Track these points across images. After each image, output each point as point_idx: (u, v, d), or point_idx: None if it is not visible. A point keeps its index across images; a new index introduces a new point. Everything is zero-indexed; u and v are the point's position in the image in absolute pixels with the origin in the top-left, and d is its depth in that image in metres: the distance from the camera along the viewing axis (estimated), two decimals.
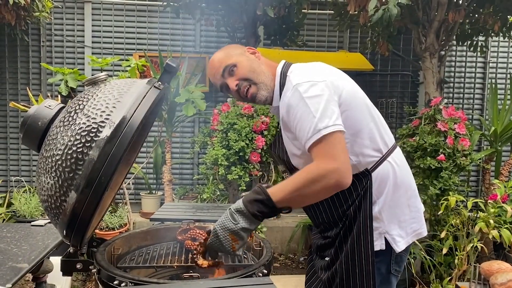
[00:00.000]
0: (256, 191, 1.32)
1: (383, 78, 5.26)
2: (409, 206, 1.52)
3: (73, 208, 1.15)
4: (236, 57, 1.49)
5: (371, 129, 1.46)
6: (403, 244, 1.49)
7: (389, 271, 1.50)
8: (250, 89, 1.47)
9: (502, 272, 2.79)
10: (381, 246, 1.46)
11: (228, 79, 1.48)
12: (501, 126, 3.99)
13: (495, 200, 3.23)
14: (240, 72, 1.47)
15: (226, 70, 1.47)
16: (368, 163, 1.45)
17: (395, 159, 1.51)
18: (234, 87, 1.47)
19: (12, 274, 1.35)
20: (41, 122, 1.28)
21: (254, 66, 1.49)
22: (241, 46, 1.59)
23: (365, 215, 1.43)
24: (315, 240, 1.65)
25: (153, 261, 1.63)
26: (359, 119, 1.44)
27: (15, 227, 1.95)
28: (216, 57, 1.52)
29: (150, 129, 1.67)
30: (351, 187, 1.40)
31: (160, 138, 4.31)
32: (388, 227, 1.47)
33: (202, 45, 5.02)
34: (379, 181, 1.46)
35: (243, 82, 1.47)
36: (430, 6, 3.79)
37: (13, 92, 4.83)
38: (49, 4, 4.37)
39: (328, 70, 1.47)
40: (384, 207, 1.47)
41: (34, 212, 4.04)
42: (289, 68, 1.50)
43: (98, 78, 1.31)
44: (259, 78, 1.47)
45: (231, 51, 1.52)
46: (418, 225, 1.55)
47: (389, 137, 1.53)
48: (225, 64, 1.47)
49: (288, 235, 4.19)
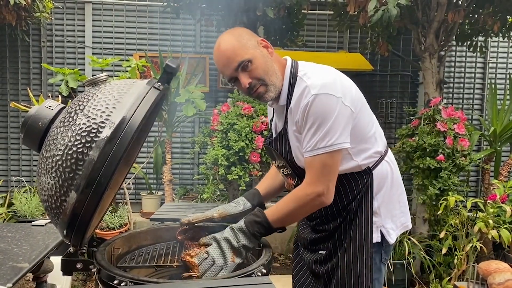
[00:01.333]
0: (255, 214, 1.46)
1: (383, 78, 5.26)
2: (399, 201, 1.64)
3: (73, 208, 1.15)
4: (251, 51, 1.42)
5: (374, 132, 1.54)
6: (394, 236, 1.60)
7: (380, 261, 1.59)
8: (260, 88, 1.46)
9: (500, 272, 2.80)
10: (377, 238, 1.55)
11: (241, 75, 1.43)
12: (501, 126, 4.00)
13: (495, 200, 3.23)
14: (255, 71, 1.43)
15: (241, 65, 1.42)
16: (370, 163, 1.53)
17: (391, 159, 1.62)
18: (246, 85, 1.44)
19: (13, 274, 1.36)
20: (41, 122, 1.29)
21: (268, 65, 1.45)
22: (252, 33, 1.50)
23: (366, 210, 1.51)
24: (305, 234, 1.70)
25: (153, 261, 1.64)
26: (366, 123, 1.51)
27: (16, 227, 1.95)
28: (229, 43, 1.42)
29: (150, 129, 1.67)
30: (353, 183, 1.52)
31: (160, 138, 4.32)
32: (384, 221, 1.57)
33: (202, 45, 5.03)
34: (379, 179, 1.54)
35: (256, 82, 1.44)
36: (430, 6, 3.80)
37: (14, 92, 4.84)
38: (49, 5, 4.38)
39: (340, 79, 1.47)
40: (383, 203, 1.56)
41: (34, 212, 4.05)
42: (298, 67, 1.50)
43: (98, 79, 1.31)
44: (271, 79, 1.45)
45: (246, 41, 1.44)
46: (405, 219, 1.67)
47: (384, 137, 1.62)
48: (241, 59, 1.41)
49: (288, 235, 4.20)
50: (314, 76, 1.44)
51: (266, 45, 1.49)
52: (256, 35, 1.52)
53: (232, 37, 1.44)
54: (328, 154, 1.39)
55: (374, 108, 5.82)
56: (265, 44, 1.49)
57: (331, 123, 1.37)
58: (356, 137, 1.47)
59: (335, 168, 1.43)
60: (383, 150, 1.58)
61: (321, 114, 1.37)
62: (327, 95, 1.38)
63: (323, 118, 1.37)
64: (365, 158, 1.51)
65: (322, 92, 1.38)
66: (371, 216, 1.52)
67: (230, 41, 1.43)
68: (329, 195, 1.44)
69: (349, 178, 1.52)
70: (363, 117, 1.49)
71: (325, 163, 1.40)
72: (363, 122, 1.49)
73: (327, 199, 1.44)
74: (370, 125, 1.53)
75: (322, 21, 5.17)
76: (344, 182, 1.52)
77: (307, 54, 4.92)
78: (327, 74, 1.47)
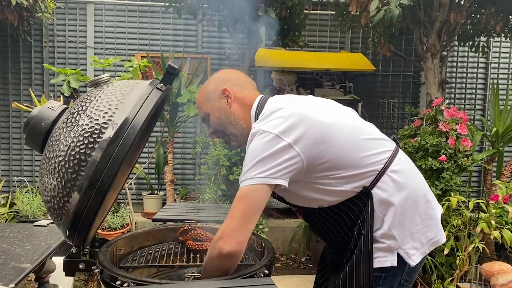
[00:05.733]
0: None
1: (385, 78, 5.26)
2: (420, 214, 1.43)
3: (76, 208, 1.15)
4: (210, 105, 1.52)
5: (360, 152, 1.38)
6: (418, 256, 1.42)
7: (399, 283, 1.45)
8: (223, 137, 1.56)
9: (503, 273, 2.79)
10: (392, 262, 1.39)
11: (207, 126, 1.57)
12: (503, 126, 3.99)
13: (497, 201, 3.22)
14: (212, 123, 1.53)
15: (205, 119, 1.56)
16: (365, 183, 1.38)
17: (396, 170, 1.41)
18: (211, 135, 1.58)
19: (15, 274, 1.36)
20: (44, 123, 1.29)
21: (222, 118, 1.50)
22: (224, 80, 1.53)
23: (366, 233, 1.37)
24: (331, 255, 1.60)
25: (155, 261, 1.64)
26: (344, 152, 1.36)
27: (18, 227, 1.96)
28: (199, 95, 1.56)
29: (152, 129, 1.67)
30: (354, 208, 1.38)
31: (162, 139, 4.32)
32: (401, 243, 1.39)
33: (204, 45, 5.03)
34: (382, 198, 1.38)
35: (216, 132, 1.55)
36: (432, 6, 3.79)
37: (16, 92, 4.85)
38: (51, 5, 4.39)
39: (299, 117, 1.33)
40: (394, 222, 1.38)
41: (36, 212, 4.05)
42: (264, 106, 1.45)
43: (100, 80, 1.31)
44: (227, 129, 1.52)
45: (209, 94, 1.53)
46: (433, 233, 1.45)
47: (385, 149, 1.43)
48: (203, 114, 1.55)
49: (289, 235, 4.19)
50: (265, 118, 1.37)
51: (227, 94, 1.50)
52: (226, 80, 1.53)
53: (203, 88, 1.57)
54: (247, 187, 1.28)
55: (375, 108, 5.81)
56: (226, 93, 1.50)
57: (259, 158, 1.28)
58: (334, 169, 1.35)
59: (251, 208, 1.27)
60: (382, 165, 1.39)
61: (250, 150, 1.32)
62: (263, 132, 1.31)
63: (252, 153, 1.31)
64: (353, 181, 1.37)
65: (259, 130, 1.33)
66: (371, 240, 1.37)
67: (200, 93, 1.57)
68: (229, 242, 1.24)
69: (347, 204, 1.40)
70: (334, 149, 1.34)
71: (239, 199, 1.28)
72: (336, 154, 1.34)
73: (225, 245, 1.24)
74: (349, 151, 1.37)
75: (324, 21, 5.17)
76: (343, 209, 1.41)
77: (309, 55, 4.92)
78: (279, 113, 1.35)
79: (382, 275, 1.40)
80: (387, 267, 1.39)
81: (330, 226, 1.47)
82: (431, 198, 1.49)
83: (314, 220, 1.51)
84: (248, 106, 1.49)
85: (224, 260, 1.27)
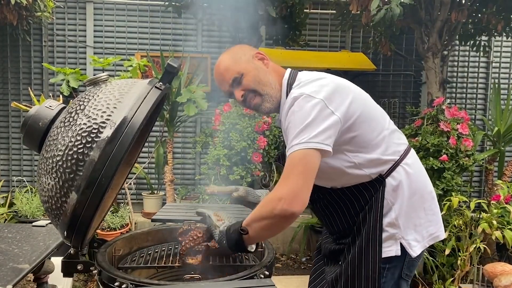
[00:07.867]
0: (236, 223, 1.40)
1: (386, 78, 5.24)
2: (425, 209, 1.49)
3: (74, 209, 1.14)
4: (243, 65, 1.46)
5: (384, 137, 1.43)
6: (419, 248, 1.46)
7: (400, 276, 1.47)
8: (255, 99, 1.47)
9: (506, 274, 2.77)
10: (396, 252, 1.43)
11: (235, 89, 1.47)
12: (504, 126, 3.98)
13: (498, 201, 3.21)
14: (246, 82, 1.45)
15: (235, 81, 1.46)
16: (382, 170, 1.43)
17: (409, 163, 1.47)
18: (240, 97, 1.47)
19: (13, 275, 1.35)
20: (41, 122, 1.28)
21: (260, 76, 1.46)
22: (250, 48, 1.53)
23: (375, 220, 1.41)
24: (327, 244, 1.62)
25: (154, 262, 1.63)
26: (372, 131, 1.41)
27: (16, 227, 1.94)
28: (223, 62, 1.48)
29: (151, 129, 1.66)
30: (365, 194, 1.43)
31: (162, 138, 4.31)
32: (404, 233, 1.44)
33: (204, 45, 5.01)
34: (394, 187, 1.43)
35: (249, 93, 1.46)
36: (433, 5, 3.78)
37: (15, 92, 4.83)
38: (51, 4, 4.37)
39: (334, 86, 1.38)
40: (401, 213, 1.43)
41: (35, 212, 4.04)
42: (296, 77, 1.47)
43: (99, 78, 1.30)
44: (264, 89, 1.46)
45: (239, 57, 1.48)
46: (435, 228, 1.51)
47: (401, 141, 1.50)
48: (233, 75, 1.45)
49: (290, 235, 4.18)
50: (305, 85, 1.39)
51: (262, 57, 1.51)
52: (254, 48, 1.54)
53: (226, 56, 1.50)
54: (302, 151, 1.27)
55: None
56: (261, 56, 1.51)
57: (308, 122, 1.29)
58: (359, 146, 1.39)
59: (309, 170, 1.28)
60: (398, 156, 1.45)
61: (297, 114, 1.31)
62: (307, 96, 1.33)
63: (300, 117, 1.31)
64: (373, 166, 1.42)
65: (303, 94, 1.34)
66: (380, 227, 1.41)
67: (224, 60, 1.49)
68: (295, 202, 1.24)
69: (360, 188, 1.44)
70: (366, 126, 1.40)
71: (296, 161, 1.27)
72: (365, 131, 1.40)
73: (290, 206, 1.24)
74: (376, 133, 1.42)
75: (324, 21, 5.15)
76: (355, 193, 1.44)
77: (309, 54, 4.90)
78: (319, 82, 1.39)
79: (385, 266, 1.44)
80: (390, 257, 1.43)
81: (337, 209, 1.49)
82: (435, 196, 1.55)
83: (320, 201, 1.52)
84: (280, 74, 1.50)
85: (282, 220, 1.27)
